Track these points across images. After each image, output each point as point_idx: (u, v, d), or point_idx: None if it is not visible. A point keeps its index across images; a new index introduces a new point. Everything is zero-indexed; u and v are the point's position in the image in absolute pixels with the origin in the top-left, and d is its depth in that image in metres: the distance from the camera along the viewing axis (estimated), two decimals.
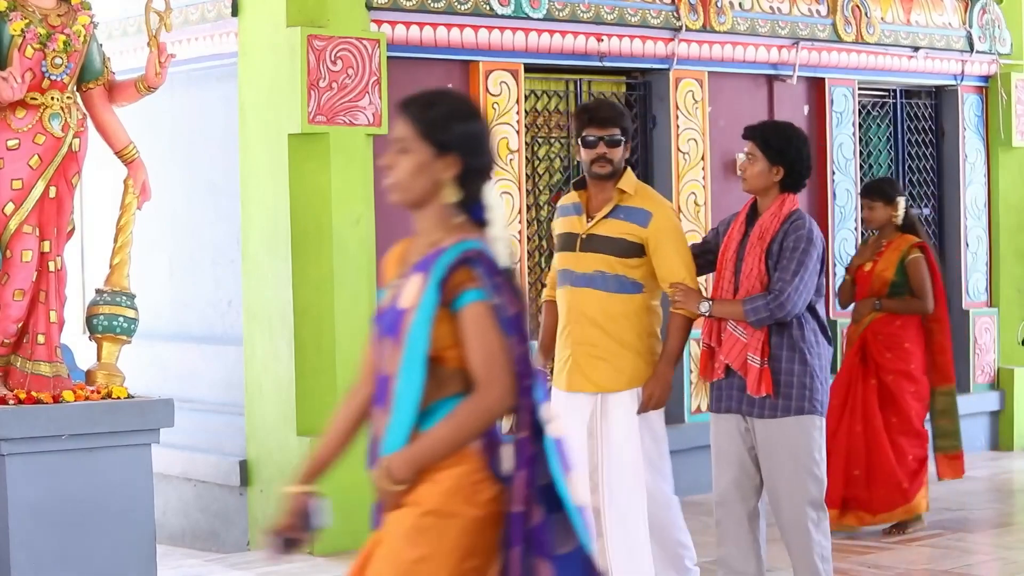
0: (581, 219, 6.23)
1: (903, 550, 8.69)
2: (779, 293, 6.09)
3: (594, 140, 6.13)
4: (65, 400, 5.92)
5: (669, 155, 10.65)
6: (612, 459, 6.14)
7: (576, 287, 6.21)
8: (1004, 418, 12.60)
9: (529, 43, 9.92)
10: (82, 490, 5.86)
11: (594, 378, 6.18)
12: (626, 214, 6.19)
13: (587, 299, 6.19)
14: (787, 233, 6.16)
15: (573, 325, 6.21)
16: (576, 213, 6.27)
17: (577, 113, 6.45)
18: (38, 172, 5.94)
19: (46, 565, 5.78)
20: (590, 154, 6.15)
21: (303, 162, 8.97)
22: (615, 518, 6.12)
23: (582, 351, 6.19)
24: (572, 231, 6.25)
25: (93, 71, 6.12)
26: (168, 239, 10.14)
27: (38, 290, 6.01)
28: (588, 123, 6.18)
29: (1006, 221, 12.73)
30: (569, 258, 6.23)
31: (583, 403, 6.18)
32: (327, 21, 8.96)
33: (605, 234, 6.18)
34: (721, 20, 10.81)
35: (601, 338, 6.18)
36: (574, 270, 6.21)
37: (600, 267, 6.17)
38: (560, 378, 6.27)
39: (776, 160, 6.24)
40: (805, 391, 6.16)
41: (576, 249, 6.20)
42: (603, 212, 6.19)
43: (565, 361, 6.26)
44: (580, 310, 6.20)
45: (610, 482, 6.12)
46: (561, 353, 6.29)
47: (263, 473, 9.23)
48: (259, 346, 9.19)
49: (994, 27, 12.57)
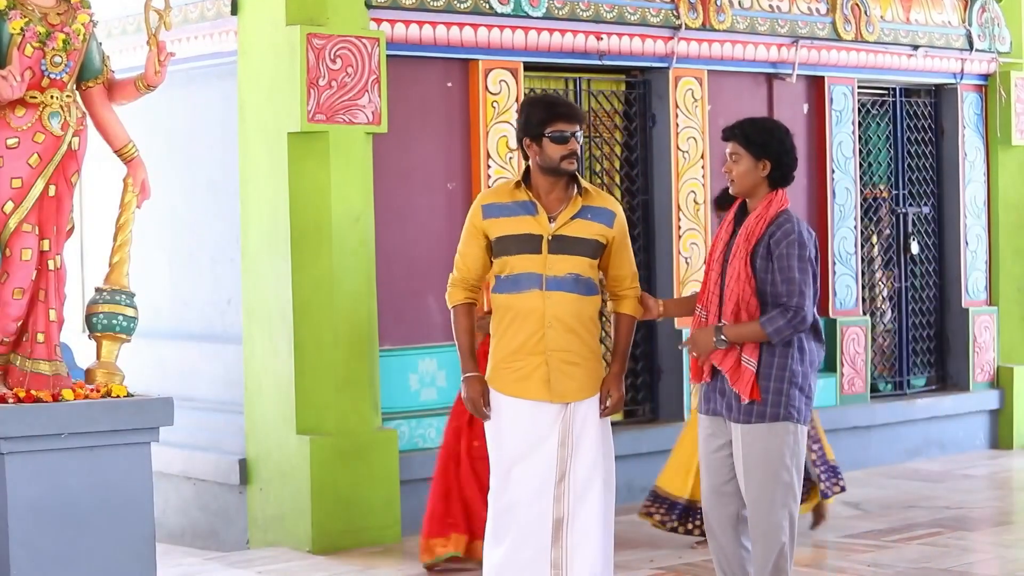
0: (539, 219, 5.98)
1: (902, 548, 8.69)
2: (798, 309, 6.02)
3: (567, 136, 5.94)
4: (64, 399, 5.92)
5: (669, 154, 10.65)
6: (581, 466, 5.98)
7: (548, 291, 5.97)
8: (1003, 416, 12.61)
9: (529, 41, 9.92)
10: (81, 488, 5.85)
11: (572, 386, 6.00)
12: (593, 214, 6.03)
13: (561, 303, 5.98)
14: (774, 236, 6.07)
15: (547, 331, 5.97)
16: (528, 212, 5.99)
17: (539, 107, 6.07)
18: (37, 170, 5.93)
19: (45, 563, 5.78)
20: (561, 150, 5.92)
21: (302, 160, 8.97)
22: (580, 528, 5.96)
23: (558, 358, 5.98)
24: (532, 232, 5.98)
25: (92, 70, 6.11)
26: (168, 238, 10.14)
27: (37, 289, 6.00)
28: (557, 118, 5.95)
29: (1005, 219, 12.74)
30: (534, 260, 5.97)
31: (554, 412, 6.00)
32: (327, 20, 8.96)
33: (576, 235, 5.99)
34: (720, 19, 10.81)
35: (575, 343, 6.01)
36: (542, 273, 5.97)
37: (574, 270, 5.98)
38: (523, 386, 6.01)
39: (761, 155, 6.15)
40: (781, 398, 6.08)
41: (542, 251, 5.97)
42: (570, 212, 6.00)
43: (534, 368, 5.99)
44: (554, 315, 5.97)
45: (577, 489, 5.97)
46: (525, 360, 6.00)
47: (262, 471, 9.23)
48: (258, 344, 9.19)
49: (993, 25, 12.58)
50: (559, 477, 5.97)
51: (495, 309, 6.12)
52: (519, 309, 6.01)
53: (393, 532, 9.08)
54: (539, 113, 6.01)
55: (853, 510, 9.94)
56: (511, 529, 5.98)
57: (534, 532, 5.94)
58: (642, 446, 10.12)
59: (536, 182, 6.05)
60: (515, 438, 6.00)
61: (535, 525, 5.95)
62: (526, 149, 6.05)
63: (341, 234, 8.96)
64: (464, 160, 9.75)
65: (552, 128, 5.96)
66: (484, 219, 6.06)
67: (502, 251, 6.05)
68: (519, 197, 6.04)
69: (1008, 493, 10.93)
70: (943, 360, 12.64)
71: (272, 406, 9.13)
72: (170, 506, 9.89)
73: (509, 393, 6.03)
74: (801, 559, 8.39)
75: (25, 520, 5.77)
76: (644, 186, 10.76)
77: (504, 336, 6.06)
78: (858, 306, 11.77)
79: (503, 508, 6.01)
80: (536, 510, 5.95)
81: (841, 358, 11.57)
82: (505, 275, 6.05)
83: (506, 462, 6.03)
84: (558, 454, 5.98)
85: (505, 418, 6.05)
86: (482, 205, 6.10)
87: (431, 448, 9.38)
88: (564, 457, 5.98)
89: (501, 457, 6.05)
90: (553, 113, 5.99)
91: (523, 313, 6.00)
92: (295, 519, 9.01)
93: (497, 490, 6.05)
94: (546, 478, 5.96)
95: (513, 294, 6.02)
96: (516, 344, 6.02)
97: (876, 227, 12.29)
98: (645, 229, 10.65)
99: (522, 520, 5.96)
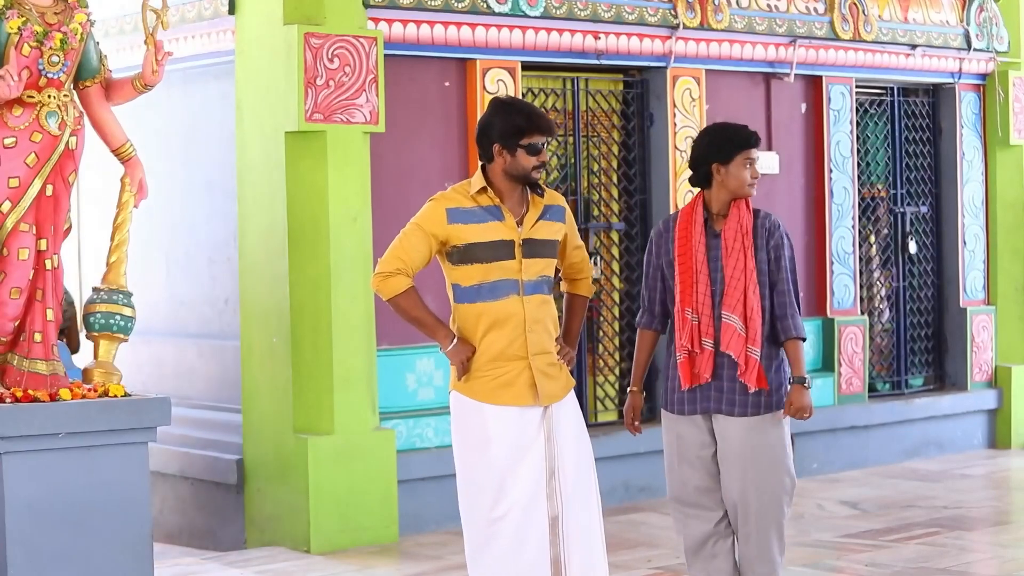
0: (506, 224, 5.90)
1: (901, 548, 8.69)
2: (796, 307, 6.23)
3: (540, 147, 5.89)
4: (62, 398, 5.91)
5: (666, 153, 10.65)
6: (568, 460, 5.94)
7: (526, 296, 5.91)
8: (1001, 416, 12.61)
9: (526, 41, 9.92)
10: (79, 488, 5.85)
11: (555, 387, 5.95)
12: (551, 214, 6.02)
13: (538, 306, 5.94)
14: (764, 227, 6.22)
15: (529, 335, 5.90)
16: (495, 218, 5.91)
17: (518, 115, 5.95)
18: (35, 170, 5.93)
19: (43, 563, 5.78)
20: (534, 160, 5.87)
21: (300, 160, 8.96)
22: (575, 521, 5.93)
23: (543, 361, 5.93)
24: (503, 238, 5.90)
25: (90, 69, 6.11)
26: (165, 237, 10.14)
27: (35, 288, 6.00)
28: (536, 130, 5.89)
29: (1003, 219, 12.74)
30: (509, 267, 5.90)
31: (539, 414, 5.94)
32: (324, 19, 8.95)
33: (540, 237, 5.96)
34: (718, 18, 10.81)
35: (550, 344, 5.98)
36: (518, 278, 5.90)
37: (544, 272, 5.97)
38: (508, 392, 5.91)
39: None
40: (780, 388, 6.21)
41: (516, 256, 5.90)
42: (535, 214, 5.96)
43: (518, 373, 5.91)
44: (535, 319, 5.92)
45: (568, 484, 5.93)
46: (507, 366, 5.91)
47: (260, 471, 9.23)
48: (256, 344, 9.19)
49: (991, 25, 12.57)
50: (549, 475, 5.95)
51: (463, 318, 5.97)
52: (497, 316, 5.92)
53: (390, 532, 9.08)
54: (517, 122, 5.92)
55: (851, 510, 9.94)
56: (506, 535, 5.92)
57: (533, 534, 5.90)
58: (639, 446, 10.10)
59: (498, 186, 5.96)
60: (505, 446, 5.92)
61: (533, 527, 5.91)
62: (494, 153, 5.95)
63: (339, 234, 8.96)
64: (462, 160, 9.74)
65: (529, 139, 5.90)
66: (449, 224, 5.91)
67: (470, 259, 5.92)
68: (483, 202, 5.95)
69: (1006, 493, 10.93)
70: (941, 360, 12.64)
71: (269, 406, 9.13)
72: (167, 506, 9.88)
73: (493, 401, 5.92)
74: (799, 559, 8.39)
75: (22, 520, 5.76)
76: (642, 186, 10.76)
77: (479, 345, 5.94)
78: (856, 306, 11.77)
79: (497, 517, 5.93)
80: (533, 512, 5.91)
81: (839, 358, 11.57)
82: (477, 283, 5.93)
83: (497, 472, 5.91)
84: (546, 452, 5.95)
85: (492, 428, 5.92)
86: (446, 209, 5.93)
87: (428, 448, 9.38)
88: (552, 454, 5.95)
89: (490, 468, 5.91)
90: (532, 124, 5.91)
91: (501, 319, 5.92)
92: (292, 519, 9.01)
93: (489, 503, 5.90)
94: (538, 480, 5.92)
95: (490, 301, 5.92)
96: (495, 351, 5.92)
97: (874, 227, 12.29)
98: (643, 229, 10.64)
99: (519, 524, 5.91)
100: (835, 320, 11.54)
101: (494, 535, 5.91)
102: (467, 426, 5.97)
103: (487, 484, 5.91)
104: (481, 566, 5.94)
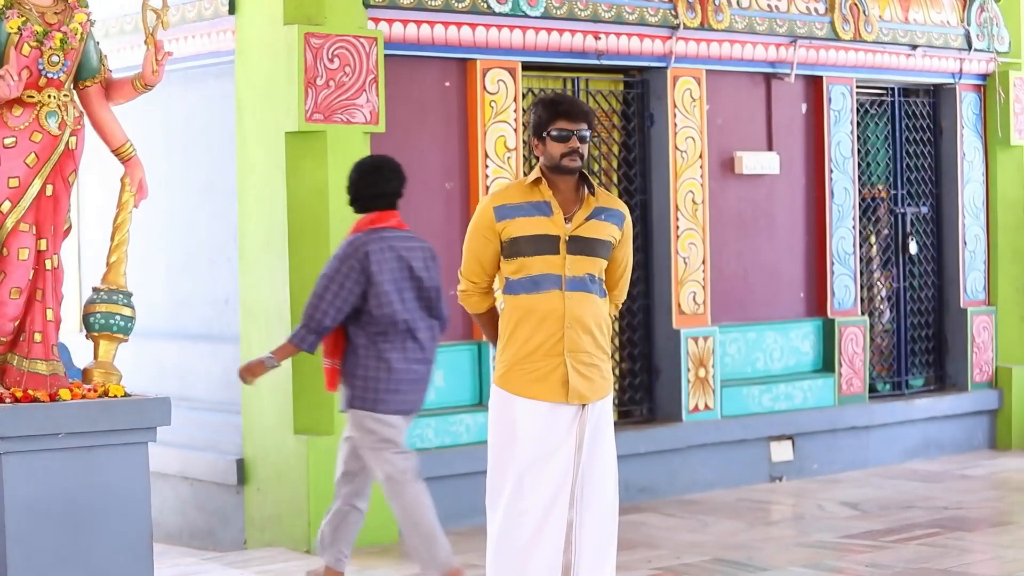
0: (554, 220, 5.97)
1: (901, 548, 8.69)
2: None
3: (567, 134, 5.94)
4: (62, 398, 5.91)
5: (667, 153, 10.65)
6: (596, 468, 5.95)
7: (568, 292, 5.95)
8: (1002, 417, 12.61)
9: (527, 41, 9.92)
10: (79, 488, 5.85)
11: (589, 388, 5.96)
12: (607, 215, 6.04)
13: (580, 304, 5.96)
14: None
15: (567, 331, 5.93)
16: (542, 213, 5.98)
17: (543, 106, 6.08)
18: (35, 170, 5.92)
19: (42, 563, 5.77)
20: (561, 147, 5.94)
21: (300, 160, 8.96)
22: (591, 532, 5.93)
23: (578, 359, 5.95)
24: (548, 232, 5.96)
25: (90, 69, 6.10)
26: (165, 237, 10.13)
27: (35, 288, 5.99)
28: (558, 116, 5.97)
29: (1004, 219, 12.74)
30: (552, 262, 5.96)
31: (571, 414, 5.96)
32: (324, 19, 8.95)
33: (591, 236, 5.99)
34: (719, 18, 10.81)
35: (592, 344, 5.99)
36: (560, 274, 5.96)
37: (590, 270, 5.99)
38: (541, 387, 5.95)
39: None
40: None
41: (560, 252, 5.96)
42: (584, 212, 6.00)
43: (552, 369, 5.94)
44: (575, 316, 5.95)
45: (590, 491, 5.93)
46: (543, 362, 5.95)
47: (260, 471, 9.22)
48: (256, 344, 9.18)
49: (992, 25, 12.57)
50: (573, 481, 5.94)
51: (506, 310, 6.06)
52: (538, 310, 5.98)
53: (390, 532, 9.07)
54: (543, 112, 6.03)
55: (851, 510, 9.93)
56: (524, 533, 5.91)
57: (548, 538, 5.89)
58: (639, 446, 10.10)
59: (549, 180, 6.04)
60: (531, 441, 5.93)
61: (549, 531, 5.89)
62: (534, 149, 6.08)
63: (339, 234, 8.94)
64: (462, 160, 9.74)
65: (554, 127, 5.98)
66: (498, 221, 6.02)
67: (516, 252, 6.01)
68: (533, 197, 6.02)
69: (1006, 493, 10.92)
70: (942, 360, 12.63)
71: (269, 406, 9.13)
72: (167, 506, 9.88)
73: (525, 395, 5.96)
74: (799, 559, 8.39)
75: (22, 520, 5.76)
76: (642, 186, 10.76)
77: (519, 337, 6.01)
78: (856, 306, 11.77)
79: (517, 513, 5.92)
80: (551, 516, 5.90)
81: (839, 358, 11.57)
82: (521, 276, 6.01)
83: (520, 466, 5.92)
84: (575, 458, 5.94)
85: (520, 421, 5.95)
86: (494, 207, 6.04)
87: (429, 448, 9.37)
88: (579, 461, 5.95)
89: (515, 461, 5.94)
90: (555, 112, 6.00)
91: (542, 314, 5.97)
92: (292, 519, 9.01)
93: (510, 497, 5.92)
94: (562, 482, 5.90)
95: (532, 295, 5.99)
96: (533, 345, 5.98)
97: (874, 227, 12.29)
98: (643, 229, 10.64)
99: (538, 526, 5.89)
100: (835, 321, 11.54)
101: (512, 529, 5.92)
102: (499, 418, 6.05)
103: (510, 477, 5.96)
104: (498, 556, 5.98)
